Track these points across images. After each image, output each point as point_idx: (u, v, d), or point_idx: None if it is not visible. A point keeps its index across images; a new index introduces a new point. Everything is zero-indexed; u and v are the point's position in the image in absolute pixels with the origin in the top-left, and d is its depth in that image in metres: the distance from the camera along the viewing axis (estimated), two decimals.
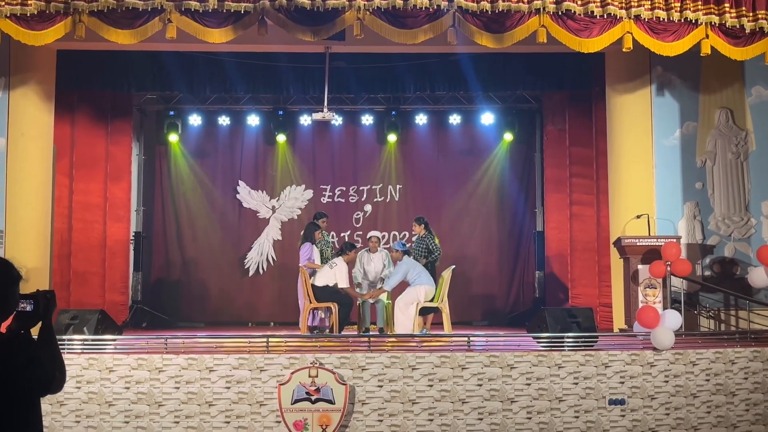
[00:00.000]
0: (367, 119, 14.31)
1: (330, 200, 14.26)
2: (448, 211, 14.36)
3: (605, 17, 9.62)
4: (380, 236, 11.60)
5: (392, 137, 14.18)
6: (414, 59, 12.22)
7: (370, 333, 10.09)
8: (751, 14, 9.75)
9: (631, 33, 9.68)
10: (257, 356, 8.22)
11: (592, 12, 9.57)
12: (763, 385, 8.46)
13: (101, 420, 8.08)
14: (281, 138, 14.20)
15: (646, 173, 10.98)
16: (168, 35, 9.48)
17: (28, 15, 9.34)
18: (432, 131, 14.51)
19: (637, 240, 10.23)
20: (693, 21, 9.74)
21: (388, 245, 12.44)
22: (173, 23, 9.47)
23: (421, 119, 14.31)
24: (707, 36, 9.79)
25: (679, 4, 9.71)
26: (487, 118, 14.24)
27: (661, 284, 9.93)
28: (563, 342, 8.53)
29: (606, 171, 11.75)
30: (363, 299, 10.54)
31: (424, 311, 10.46)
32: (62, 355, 3.20)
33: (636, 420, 8.26)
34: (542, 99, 14.11)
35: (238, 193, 14.39)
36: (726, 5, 9.73)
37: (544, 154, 14.10)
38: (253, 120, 14.21)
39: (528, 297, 14.28)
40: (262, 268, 14.25)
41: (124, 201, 13.65)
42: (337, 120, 14.02)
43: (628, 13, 9.65)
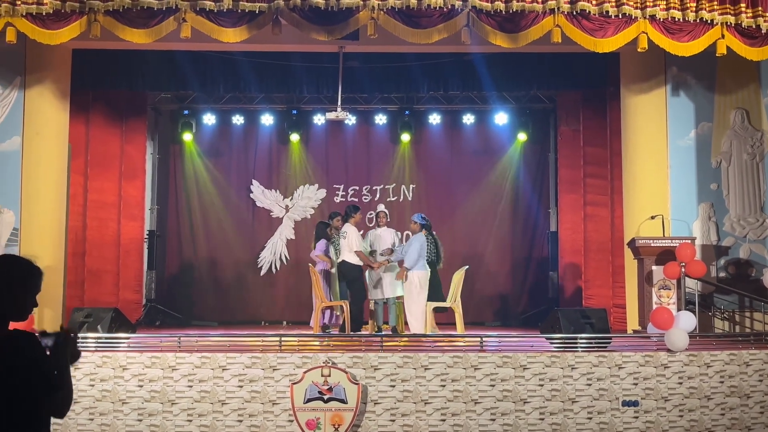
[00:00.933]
0: (381, 119, 14.31)
1: (343, 199, 14.24)
2: (461, 212, 14.34)
3: (620, 17, 9.60)
4: (387, 212, 11.53)
5: (406, 137, 14.17)
6: (427, 59, 12.22)
7: (383, 333, 10.09)
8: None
9: (647, 33, 9.65)
10: (270, 355, 8.24)
11: (607, 12, 9.54)
12: None
13: (114, 418, 8.12)
14: (295, 137, 14.23)
15: (661, 174, 10.93)
16: (182, 35, 9.54)
17: (44, 14, 9.42)
18: (445, 131, 14.49)
19: (652, 241, 10.20)
20: (708, 21, 9.69)
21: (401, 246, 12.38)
22: (188, 23, 9.53)
23: (435, 119, 14.29)
24: (723, 36, 9.75)
25: (695, 4, 9.66)
26: (501, 118, 14.21)
27: (676, 285, 9.89)
28: (576, 343, 8.51)
29: (620, 171, 11.68)
30: (374, 269, 10.49)
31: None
32: (71, 380, 3.15)
33: (649, 422, 8.22)
34: (556, 99, 14.05)
35: (252, 192, 14.42)
36: (742, 5, 9.68)
37: (558, 155, 14.05)
38: (267, 119, 14.23)
39: (541, 298, 14.22)
40: (276, 267, 14.27)
41: (139, 200, 13.73)
42: (351, 119, 13.99)
43: (644, 13, 9.62)
